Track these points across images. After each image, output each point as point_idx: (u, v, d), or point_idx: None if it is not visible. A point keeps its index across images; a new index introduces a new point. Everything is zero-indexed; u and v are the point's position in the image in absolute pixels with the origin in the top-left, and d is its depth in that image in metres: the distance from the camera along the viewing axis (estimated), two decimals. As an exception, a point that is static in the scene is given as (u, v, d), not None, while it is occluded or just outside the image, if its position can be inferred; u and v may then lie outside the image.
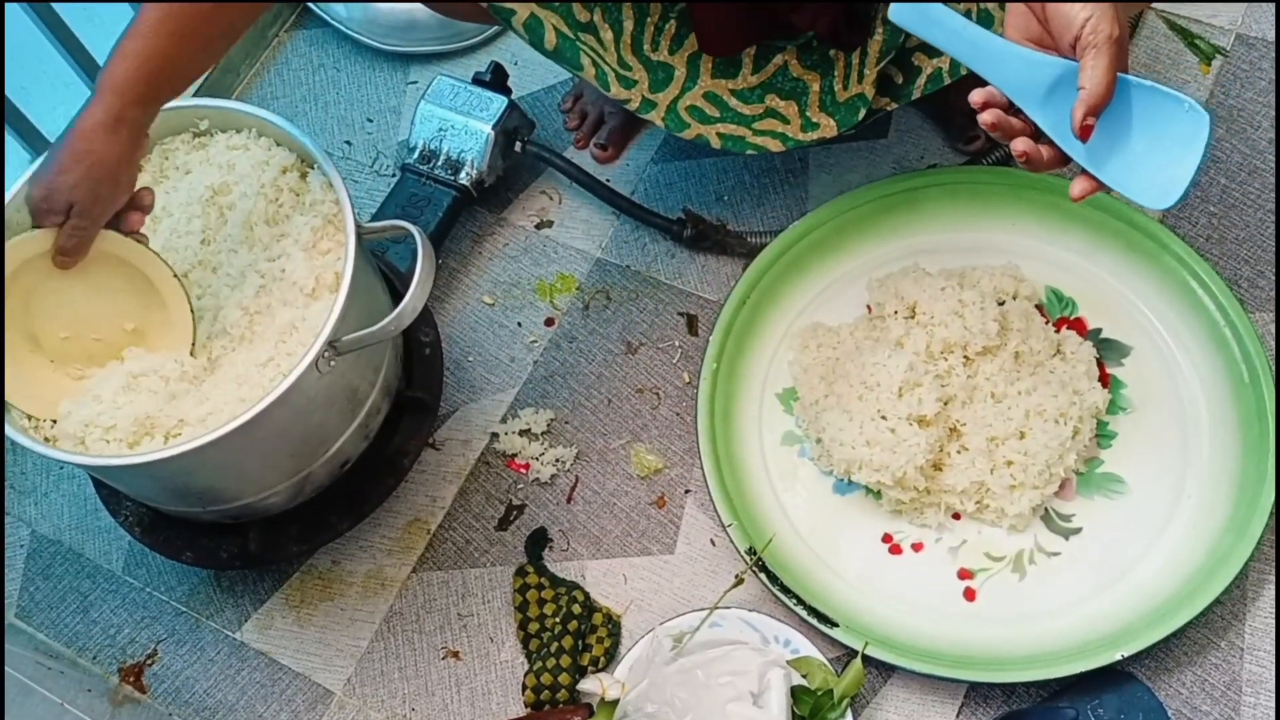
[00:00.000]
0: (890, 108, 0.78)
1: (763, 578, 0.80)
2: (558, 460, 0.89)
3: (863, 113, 0.78)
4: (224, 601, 0.88)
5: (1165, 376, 0.85)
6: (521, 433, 0.91)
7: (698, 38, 0.79)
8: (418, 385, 0.86)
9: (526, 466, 0.90)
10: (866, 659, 0.77)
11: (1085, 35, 0.54)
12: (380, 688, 0.84)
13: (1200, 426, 0.83)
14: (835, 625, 0.78)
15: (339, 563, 0.88)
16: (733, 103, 0.80)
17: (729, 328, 0.88)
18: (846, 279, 0.91)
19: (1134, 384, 0.85)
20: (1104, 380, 0.85)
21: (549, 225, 1.00)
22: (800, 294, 0.90)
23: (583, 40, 0.76)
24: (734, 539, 0.81)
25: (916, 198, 0.91)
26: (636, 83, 0.79)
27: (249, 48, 1.10)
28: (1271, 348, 0.86)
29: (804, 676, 0.77)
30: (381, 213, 0.96)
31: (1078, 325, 0.88)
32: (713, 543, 0.86)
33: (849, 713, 0.76)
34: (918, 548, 0.82)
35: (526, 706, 0.81)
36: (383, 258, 0.90)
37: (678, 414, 0.90)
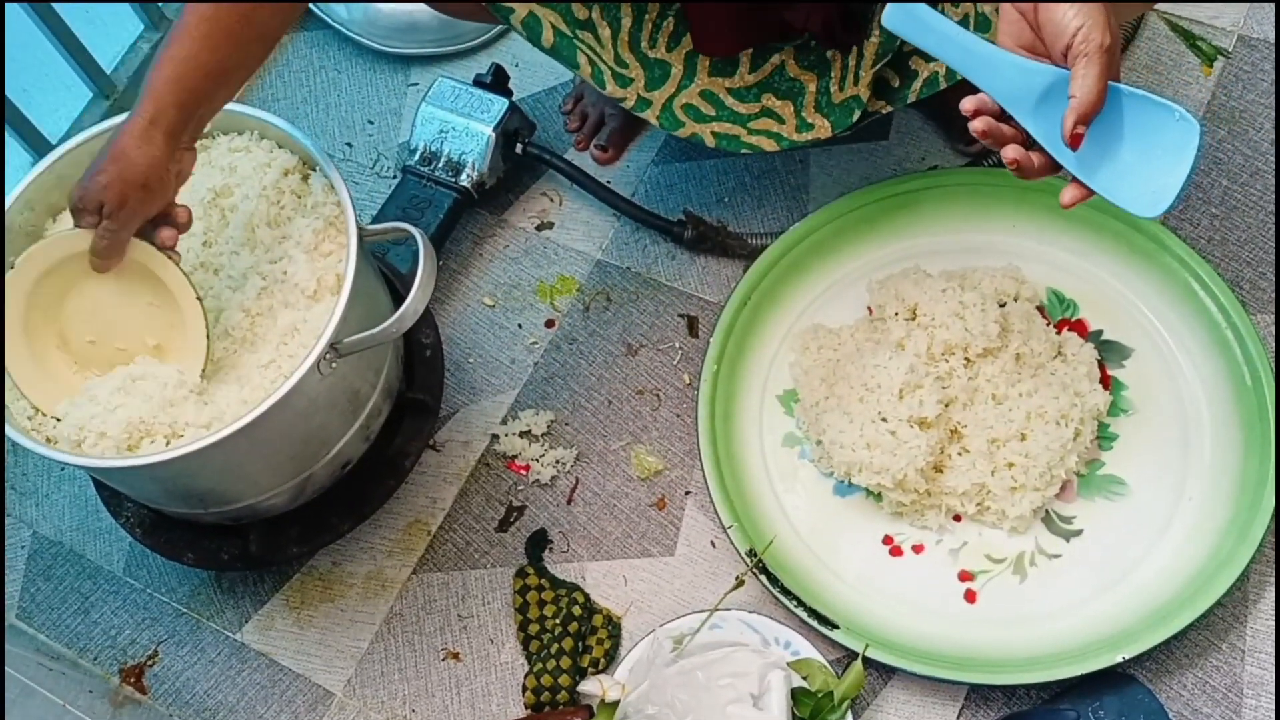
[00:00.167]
0: (885, 111, 0.78)
1: (763, 579, 0.80)
2: (558, 462, 0.90)
3: (857, 115, 0.78)
4: (224, 603, 0.88)
5: (1166, 378, 0.85)
6: (522, 434, 0.91)
7: (693, 38, 0.79)
8: (418, 387, 0.86)
9: (527, 468, 0.90)
10: (867, 661, 0.77)
11: (1076, 44, 0.54)
12: (380, 689, 0.84)
13: (1201, 428, 0.83)
14: (836, 627, 0.78)
15: (339, 564, 0.89)
16: (729, 101, 0.80)
17: (729, 329, 0.88)
18: (847, 281, 0.91)
19: (1135, 386, 0.85)
20: (1105, 382, 0.85)
21: (549, 227, 1.00)
22: (801, 296, 0.90)
23: (580, 38, 0.76)
24: (734, 541, 0.81)
25: (917, 199, 0.91)
26: (632, 80, 0.79)
27: (250, 49, 1.10)
28: (1273, 350, 0.85)
29: (804, 678, 0.77)
30: (382, 215, 0.97)
31: (1079, 327, 0.88)
32: (713, 544, 0.86)
33: (849, 714, 0.76)
34: (918, 549, 0.82)
35: (526, 708, 0.81)
36: (384, 259, 0.90)
37: (678, 415, 0.90)
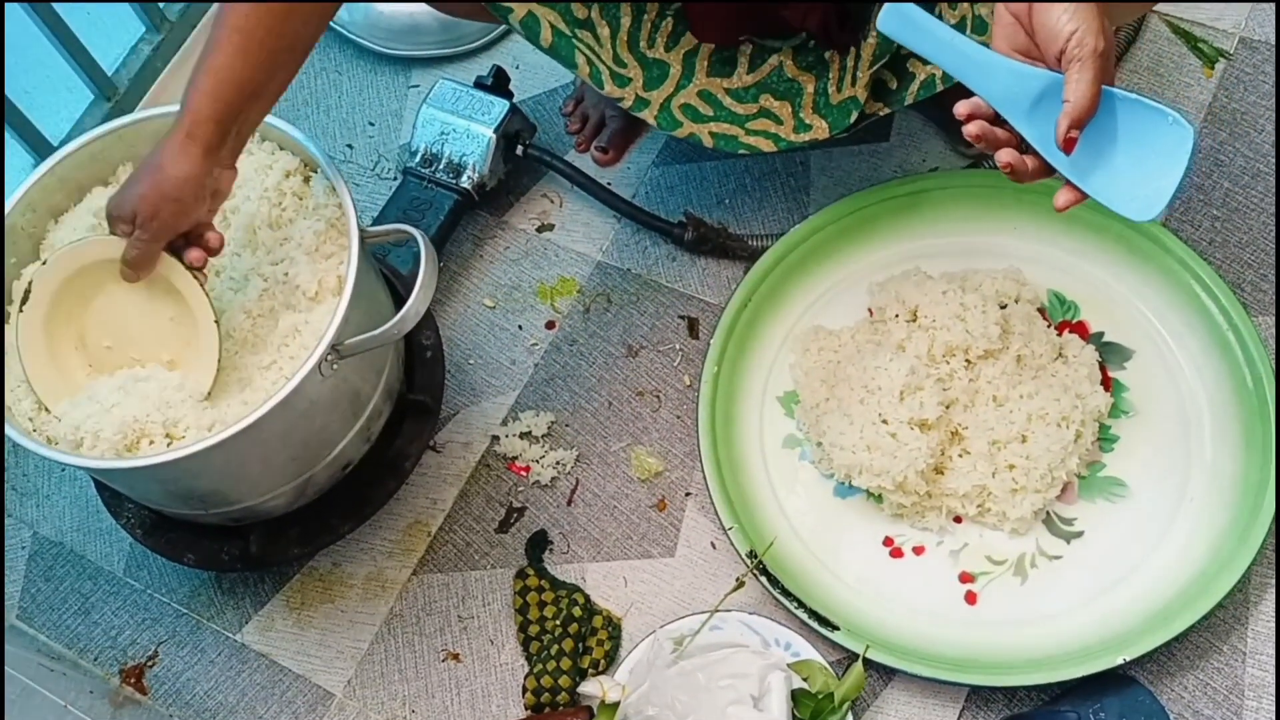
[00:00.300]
0: (883, 112, 0.78)
1: (763, 581, 0.80)
2: (558, 463, 0.90)
3: (855, 116, 0.78)
4: (225, 603, 0.88)
5: (1167, 380, 0.85)
6: (522, 435, 0.91)
7: (691, 26, 0.79)
8: (419, 388, 0.86)
9: (527, 469, 0.90)
10: (867, 662, 0.77)
11: (1070, 49, 0.54)
12: (380, 690, 0.84)
13: (1202, 430, 0.82)
14: (836, 628, 0.78)
15: (340, 565, 0.89)
16: (727, 101, 0.80)
17: (730, 331, 0.88)
18: (848, 282, 0.91)
19: (1136, 387, 0.85)
20: (1106, 384, 0.85)
21: (550, 228, 1.00)
22: (801, 297, 0.90)
23: (579, 37, 0.76)
24: (734, 542, 0.81)
25: (918, 201, 0.91)
26: (631, 80, 0.79)
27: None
28: (1274, 351, 0.85)
29: (805, 679, 0.77)
30: (383, 216, 0.97)
31: (1080, 329, 0.88)
32: (713, 545, 0.86)
33: (850, 716, 0.76)
34: (919, 551, 0.82)
35: (527, 709, 0.81)
36: (384, 261, 0.90)
37: (678, 417, 0.90)
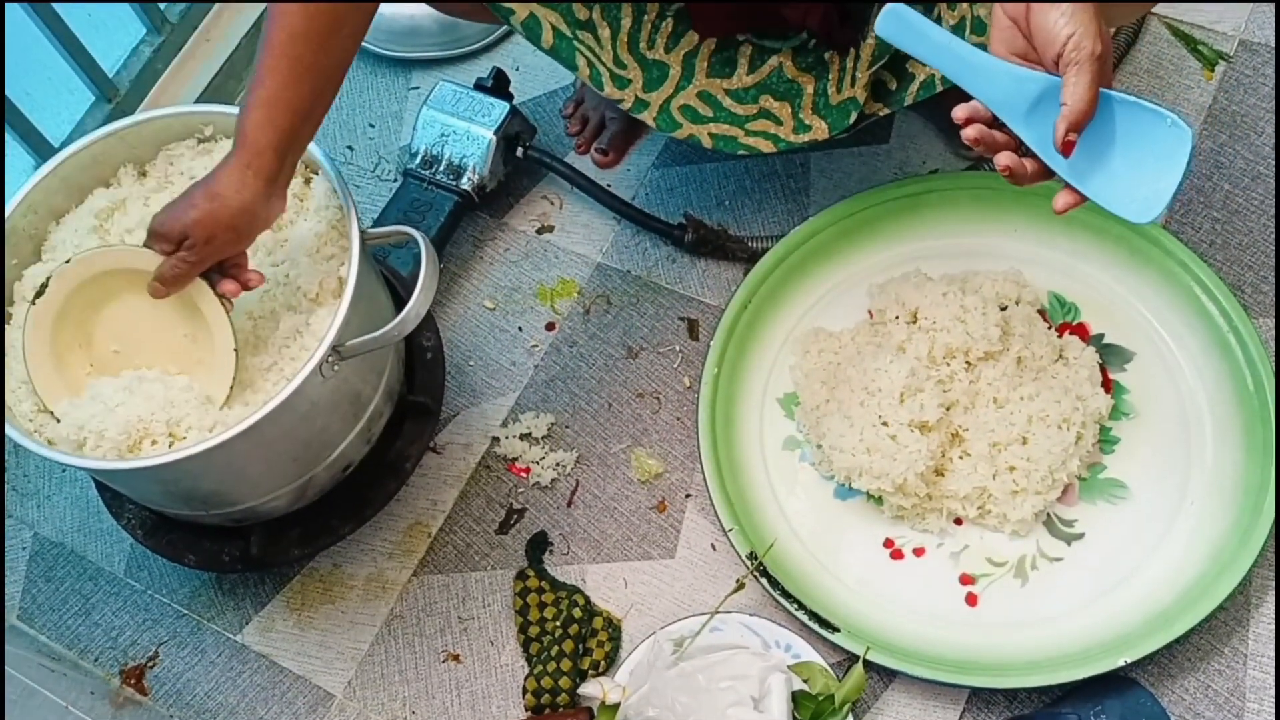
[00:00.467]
0: (882, 113, 0.78)
1: (764, 582, 0.80)
2: (558, 464, 0.90)
3: (854, 117, 0.78)
4: (225, 604, 0.88)
5: (1168, 382, 0.85)
6: (522, 437, 0.91)
7: (691, 20, 0.79)
8: (419, 389, 0.86)
9: (527, 470, 0.90)
10: (868, 664, 0.76)
11: (1068, 52, 0.54)
12: (381, 691, 0.84)
13: (1203, 432, 0.82)
14: (836, 630, 0.78)
15: (340, 566, 0.89)
16: (726, 102, 0.81)
17: (730, 332, 0.88)
18: (848, 284, 0.91)
19: (1137, 389, 0.85)
20: (1107, 385, 0.85)
21: (550, 230, 1.00)
22: (801, 299, 0.90)
23: (580, 39, 0.76)
24: (735, 543, 0.81)
25: (918, 203, 0.91)
26: (630, 82, 0.79)
27: (252, 53, 1.10)
28: (1274, 353, 0.85)
29: (805, 681, 0.77)
30: (383, 218, 0.97)
31: (1080, 330, 0.88)
32: (713, 547, 0.86)
33: (850, 718, 0.76)
34: (919, 553, 0.82)
35: (527, 710, 0.81)
36: (384, 262, 0.90)
37: (678, 418, 0.90)
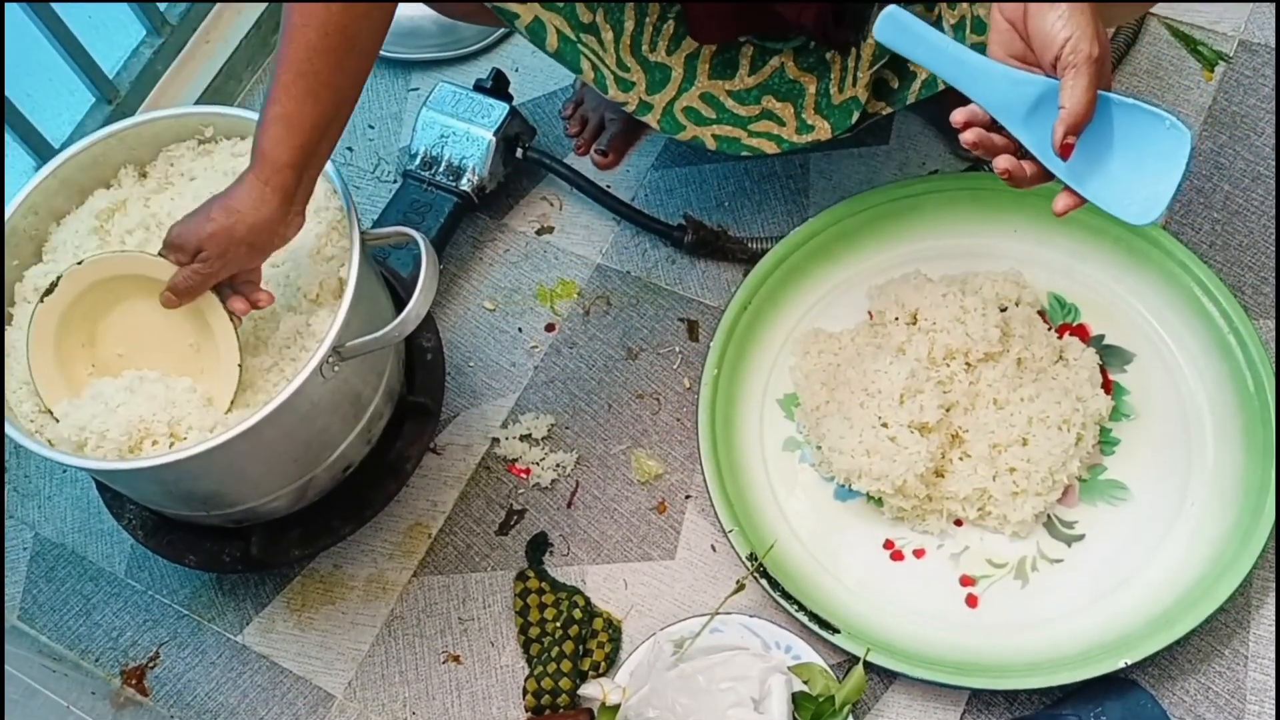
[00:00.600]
0: (885, 112, 0.78)
1: (764, 583, 0.80)
2: (558, 465, 0.90)
3: (856, 116, 0.78)
4: (226, 605, 0.88)
5: (1168, 383, 0.85)
6: (522, 438, 0.91)
7: (690, 26, 0.79)
8: (420, 390, 0.86)
9: (527, 471, 0.90)
10: (868, 665, 0.77)
11: (1065, 55, 0.54)
12: (381, 691, 0.84)
13: (1204, 433, 0.82)
14: (837, 631, 0.78)
15: (340, 567, 0.89)
16: (729, 104, 0.81)
17: (730, 333, 0.88)
18: (848, 285, 0.91)
19: (1137, 390, 0.85)
20: (1107, 387, 0.85)
21: (550, 231, 1.00)
22: (801, 300, 0.90)
23: (584, 42, 0.77)
24: (735, 545, 0.81)
25: (918, 204, 0.91)
26: (634, 84, 0.79)
27: (252, 55, 1.11)
28: (1274, 354, 0.85)
29: (805, 682, 0.77)
30: (383, 219, 0.97)
31: (1080, 331, 0.88)
32: (713, 548, 0.86)
33: (850, 719, 0.76)
34: (919, 554, 0.82)
35: (527, 711, 0.81)
36: (384, 263, 0.90)
37: (678, 419, 0.90)
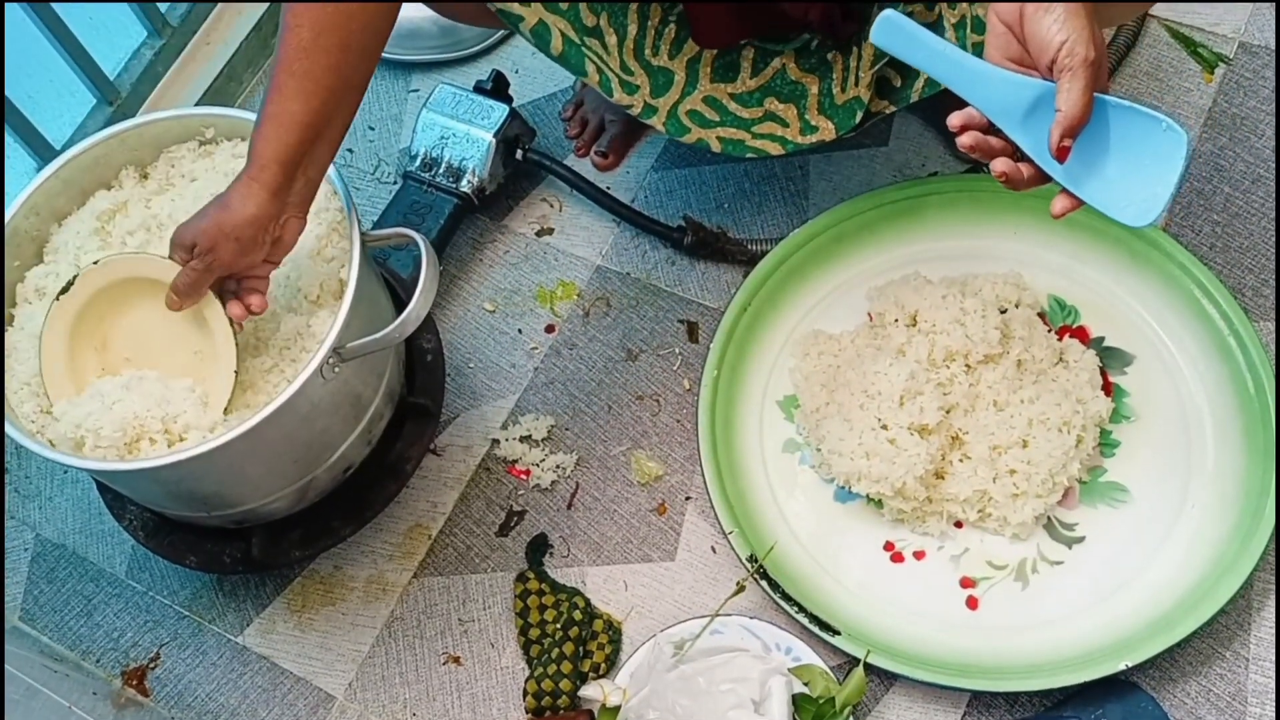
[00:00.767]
0: (888, 111, 0.78)
1: (764, 585, 0.80)
2: (558, 466, 0.90)
3: (860, 115, 0.78)
4: (226, 606, 0.89)
5: (1169, 385, 0.85)
6: (522, 439, 0.91)
7: (692, 31, 0.79)
8: (420, 391, 0.86)
9: (527, 473, 0.90)
10: (868, 667, 0.76)
11: (1061, 58, 0.55)
12: (381, 693, 0.84)
13: (1204, 435, 0.82)
14: (837, 633, 0.78)
15: (340, 568, 0.89)
16: (732, 106, 0.81)
17: (730, 335, 0.88)
18: (847, 287, 0.91)
19: (1137, 392, 0.85)
20: (1107, 389, 0.85)
21: (550, 232, 1.00)
22: (801, 302, 0.90)
23: (588, 45, 0.77)
24: (735, 546, 0.81)
25: (917, 205, 0.91)
26: (638, 88, 0.79)
27: (253, 56, 1.11)
28: (1274, 356, 0.85)
29: (806, 684, 0.77)
30: (383, 220, 0.97)
31: (1080, 333, 0.88)
32: (713, 550, 0.86)
33: (850, 721, 0.76)
34: (920, 556, 0.82)
35: (527, 713, 0.81)
36: (384, 264, 0.90)
37: (678, 421, 0.90)
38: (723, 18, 0.78)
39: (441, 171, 0.97)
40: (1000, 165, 0.57)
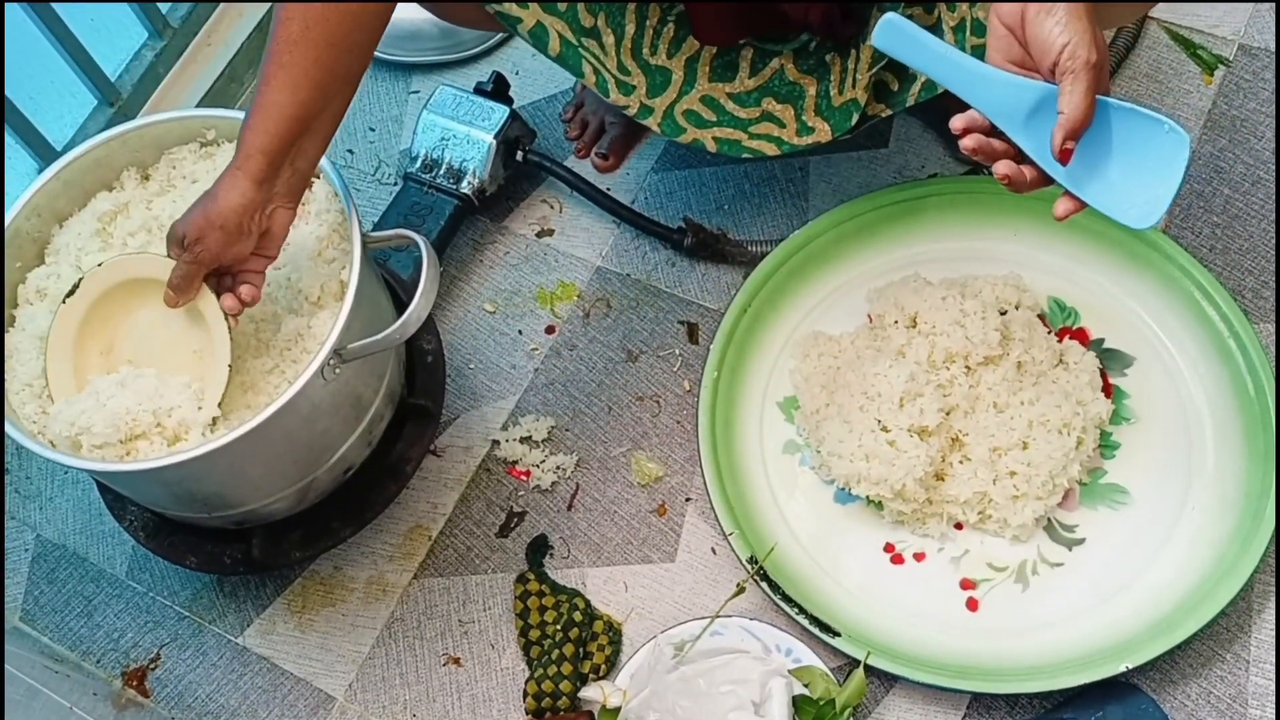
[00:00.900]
0: (885, 114, 0.79)
1: (764, 587, 0.80)
2: (558, 467, 0.90)
3: (856, 118, 0.78)
4: (226, 607, 0.89)
5: (1169, 387, 0.85)
6: (522, 440, 0.91)
7: (693, 27, 0.79)
8: (420, 392, 0.86)
9: (527, 474, 0.90)
10: (869, 669, 0.77)
11: (1063, 60, 0.55)
12: (381, 694, 0.85)
13: (1204, 437, 0.82)
14: (837, 635, 0.78)
15: (341, 569, 0.89)
16: (729, 106, 0.81)
17: (730, 336, 0.88)
18: (847, 288, 0.91)
19: (1137, 394, 0.85)
20: (1107, 390, 0.85)
21: (550, 234, 1.00)
22: (801, 303, 0.90)
23: (585, 46, 0.77)
24: (735, 547, 0.81)
25: (917, 207, 0.91)
26: (635, 88, 0.79)
27: (254, 57, 1.11)
28: (1275, 358, 0.85)
29: (806, 686, 0.77)
30: (384, 221, 0.97)
31: (1080, 335, 0.88)
32: (714, 551, 0.86)
33: (850, 723, 0.76)
34: (920, 557, 0.82)
35: (528, 714, 0.81)
36: (385, 265, 0.90)
37: (678, 422, 0.91)
38: (723, 16, 0.79)
39: (442, 173, 0.97)
40: (1003, 168, 0.58)
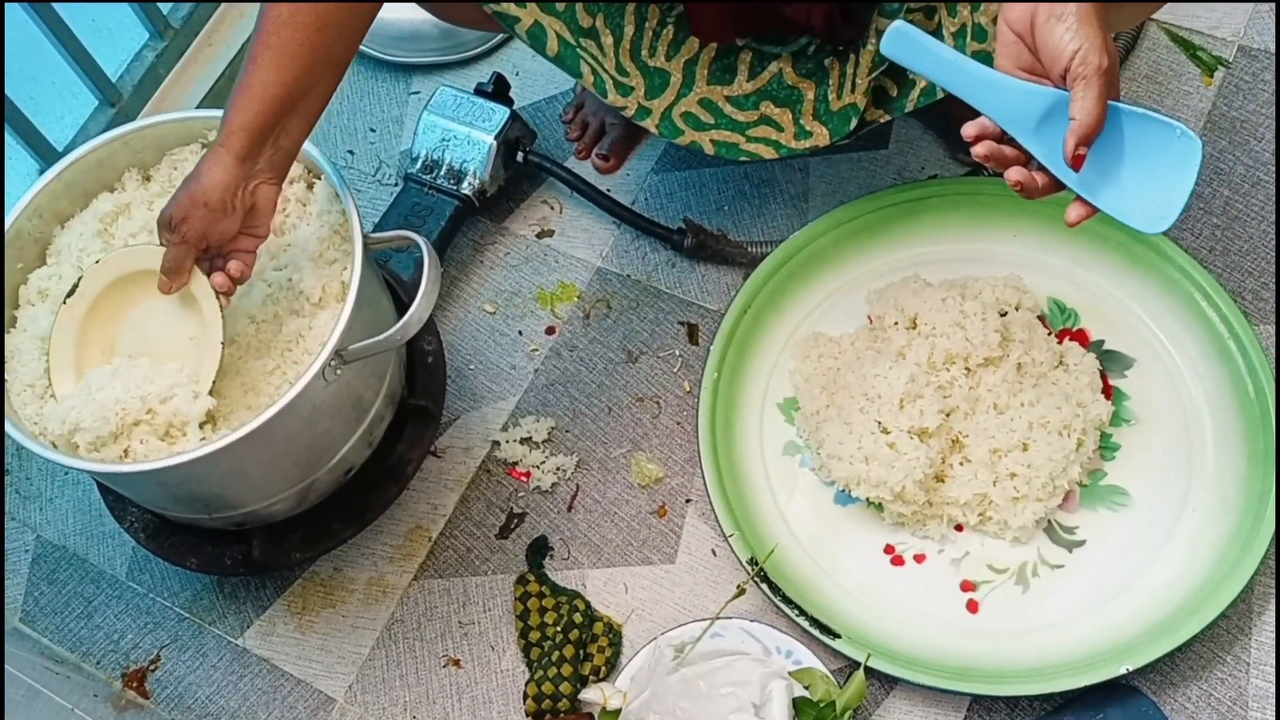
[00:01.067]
0: (883, 119, 0.79)
1: (764, 588, 0.80)
2: (558, 469, 0.90)
3: (855, 122, 0.78)
4: (226, 608, 0.89)
5: (1169, 388, 0.85)
6: (522, 441, 0.91)
7: (691, 24, 0.79)
8: (420, 393, 0.86)
9: (527, 475, 0.90)
10: (869, 670, 0.77)
11: (1074, 67, 0.55)
12: (381, 695, 0.85)
13: (1204, 439, 0.82)
14: (837, 636, 0.78)
15: (341, 570, 0.89)
16: (728, 109, 0.81)
17: (730, 337, 0.88)
18: (847, 289, 0.91)
19: (1137, 396, 0.85)
20: (1107, 392, 0.85)
21: (550, 234, 1.00)
22: (801, 304, 0.90)
23: (583, 46, 0.77)
24: (735, 549, 0.81)
25: (917, 208, 0.91)
26: (633, 89, 0.79)
27: (256, 58, 1.11)
28: (1275, 360, 0.85)
29: (806, 688, 0.77)
30: (384, 222, 0.97)
31: (1080, 337, 0.88)
32: (714, 552, 0.86)
33: (850, 724, 0.76)
34: (920, 559, 0.82)
35: (528, 716, 0.81)
36: (385, 266, 0.90)
37: (678, 423, 0.91)
38: (722, 16, 0.79)
39: (442, 174, 0.97)
40: (1015, 174, 0.57)
